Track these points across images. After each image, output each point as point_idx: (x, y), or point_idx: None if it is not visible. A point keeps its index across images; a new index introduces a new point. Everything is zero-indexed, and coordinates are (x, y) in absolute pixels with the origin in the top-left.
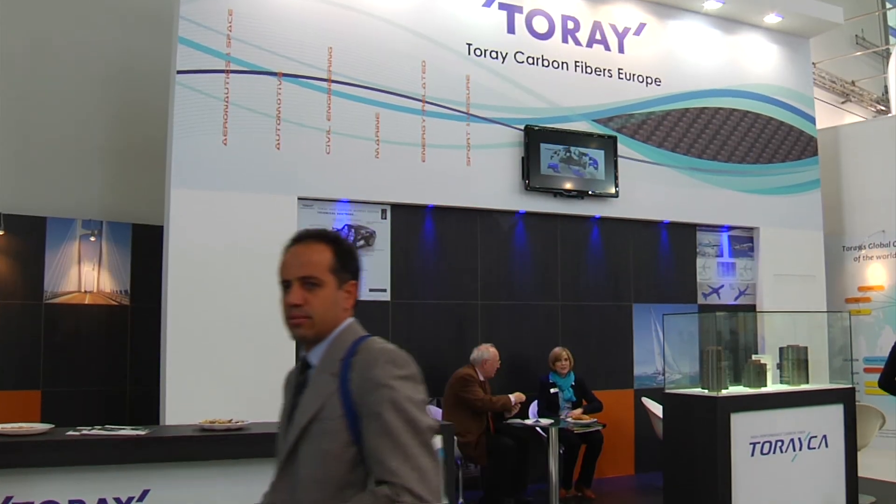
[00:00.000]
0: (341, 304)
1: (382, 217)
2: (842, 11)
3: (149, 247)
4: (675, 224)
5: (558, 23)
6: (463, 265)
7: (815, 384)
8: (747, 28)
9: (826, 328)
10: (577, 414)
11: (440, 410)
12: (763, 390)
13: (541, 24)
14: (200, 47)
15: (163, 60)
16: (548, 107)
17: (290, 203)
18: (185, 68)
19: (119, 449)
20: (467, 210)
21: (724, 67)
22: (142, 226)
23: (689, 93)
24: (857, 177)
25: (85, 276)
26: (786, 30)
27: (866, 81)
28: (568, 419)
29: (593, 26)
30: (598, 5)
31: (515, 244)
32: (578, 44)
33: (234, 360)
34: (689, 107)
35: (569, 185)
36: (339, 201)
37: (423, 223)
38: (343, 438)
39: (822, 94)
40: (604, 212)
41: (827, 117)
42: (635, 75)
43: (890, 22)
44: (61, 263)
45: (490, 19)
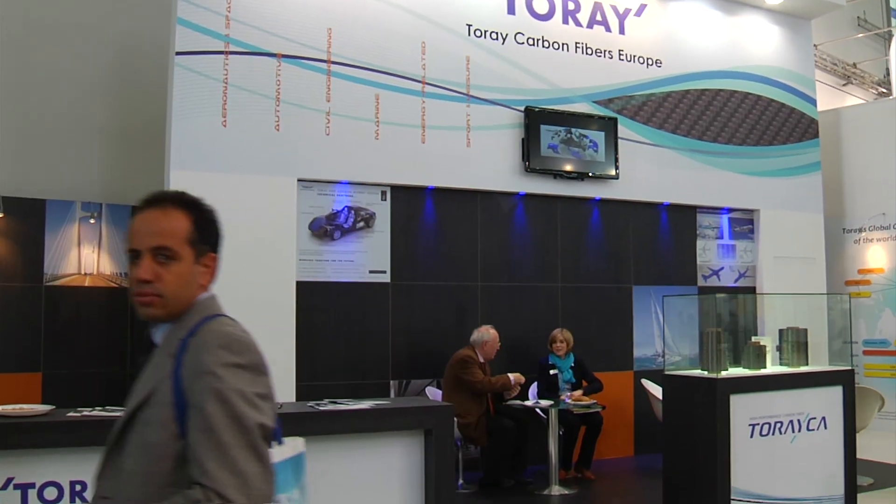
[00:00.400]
0: (198, 281)
1: (382, 198)
2: None
3: None
4: (675, 206)
5: (559, 4)
6: (463, 247)
7: (815, 366)
8: (748, 9)
9: (826, 311)
10: (577, 395)
11: (440, 392)
12: (762, 372)
13: (541, 5)
14: (199, 28)
15: (162, 42)
16: (548, 88)
17: (289, 185)
18: (184, 49)
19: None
20: (467, 191)
21: (725, 49)
22: None
23: (689, 74)
24: (858, 159)
25: (85, 259)
26: (787, 11)
27: (868, 63)
28: (567, 400)
29: (594, 7)
30: None
31: (515, 226)
32: (579, 25)
33: None
34: (689, 88)
35: (569, 167)
36: (339, 183)
37: (423, 205)
38: (170, 430)
39: (823, 76)
40: (604, 193)
41: (828, 99)
42: (636, 57)
43: (892, 3)
44: (61, 246)
45: (490, 0)
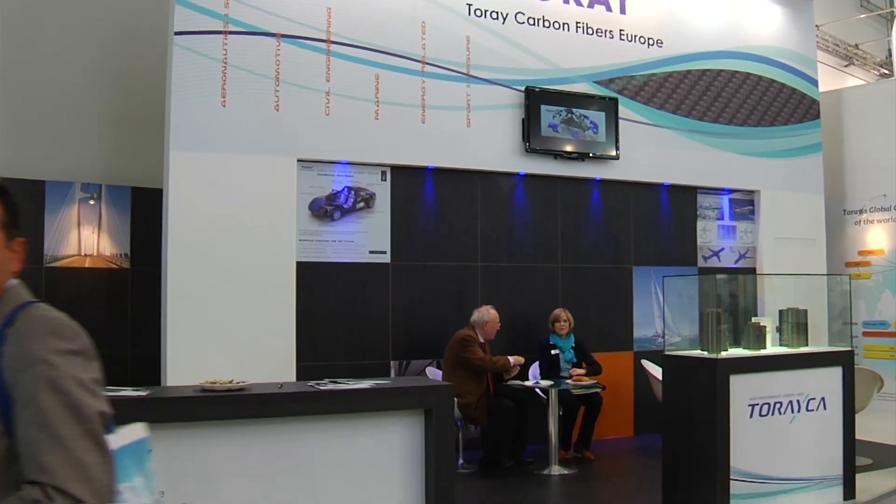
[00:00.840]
0: (9, 266)
1: (382, 179)
2: None
3: (148, 210)
4: (675, 186)
5: None
6: (463, 227)
7: (815, 347)
8: None
9: (826, 292)
10: (578, 373)
11: (440, 372)
12: (762, 352)
13: None
14: (198, 8)
15: (161, 22)
16: (549, 68)
17: (289, 165)
18: (182, 29)
19: (121, 409)
20: (467, 172)
21: (727, 29)
22: (141, 189)
23: (690, 54)
24: (859, 140)
25: (85, 240)
26: None
27: (870, 44)
28: (568, 381)
29: None
30: None
31: (515, 206)
32: (580, 4)
33: (234, 321)
34: (690, 69)
35: (569, 147)
36: (339, 163)
37: (423, 185)
38: None
39: (825, 56)
40: (604, 174)
41: (830, 80)
42: (637, 37)
43: None
44: (61, 227)
45: None
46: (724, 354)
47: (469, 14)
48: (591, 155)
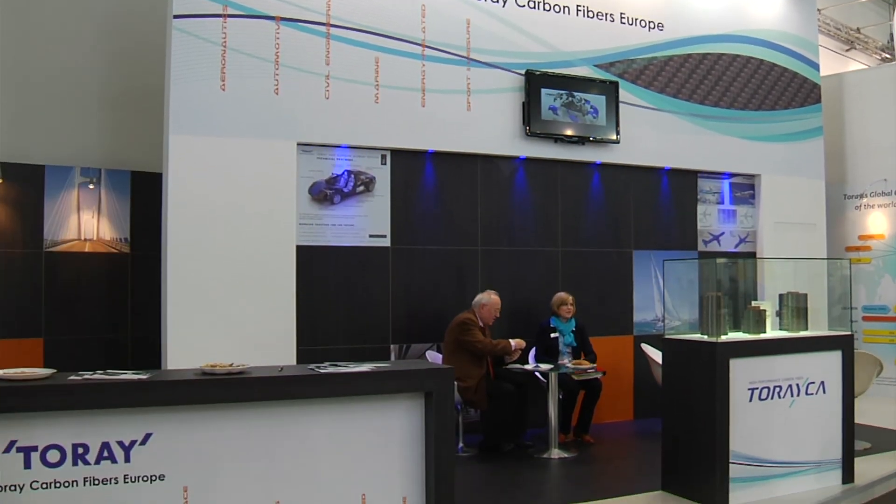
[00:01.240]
0: None
1: (382, 162)
2: None
3: (148, 194)
4: (676, 171)
5: None
6: (463, 211)
7: (814, 331)
8: None
9: (826, 276)
10: (577, 362)
11: (440, 356)
12: (762, 336)
13: None
14: None
15: (160, 5)
16: (549, 51)
17: (289, 148)
18: (182, 13)
19: (121, 393)
20: (467, 155)
21: (728, 12)
22: (141, 173)
23: (691, 38)
24: (860, 125)
25: (85, 224)
26: None
27: (872, 28)
28: (568, 365)
29: None
30: None
31: (516, 190)
32: None
33: (234, 305)
34: (691, 52)
35: (569, 131)
36: (339, 147)
37: (423, 169)
38: None
39: (826, 41)
40: (605, 158)
41: (831, 64)
42: (637, 20)
43: None
44: (60, 211)
45: None
46: (723, 338)
47: None
48: (591, 139)
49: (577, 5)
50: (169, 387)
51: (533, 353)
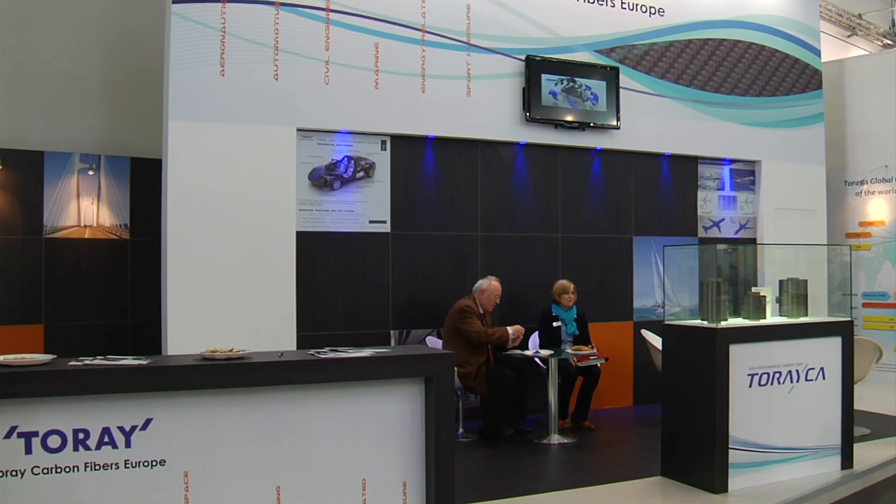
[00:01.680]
0: None
1: (382, 148)
2: None
3: (148, 180)
4: (676, 156)
5: None
6: (463, 197)
7: (814, 317)
8: None
9: (826, 262)
10: (580, 348)
11: (440, 341)
12: (762, 322)
13: None
14: None
15: None
16: (549, 37)
17: (289, 134)
18: None
19: (121, 378)
20: (467, 141)
21: None
22: (140, 159)
23: (692, 23)
24: (861, 111)
25: (84, 211)
26: None
27: (873, 14)
28: (569, 351)
29: None
30: None
31: (516, 176)
32: None
33: (234, 290)
34: (692, 38)
35: (570, 117)
36: (339, 132)
37: (423, 154)
38: None
39: (828, 27)
40: (605, 144)
41: (832, 51)
42: (638, 5)
43: None
44: (60, 198)
45: None
46: (723, 324)
47: None
48: (591, 125)
49: None
50: (169, 372)
51: (533, 339)
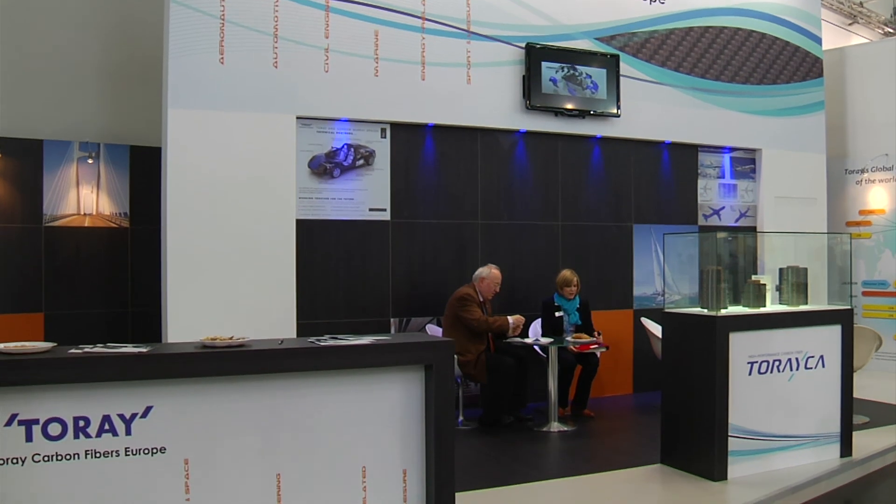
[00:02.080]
0: None
1: (382, 136)
2: None
3: (147, 168)
4: (676, 144)
5: None
6: (463, 184)
7: (814, 305)
8: None
9: (826, 251)
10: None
11: (440, 329)
12: (762, 310)
13: None
14: None
15: None
16: (549, 24)
17: (288, 122)
18: None
19: (122, 366)
20: (468, 129)
21: None
22: (140, 147)
23: (693, 11)
24: (862, 99)
25: (84, 199)
26: None
27: (874, 2)
28: (569, 339)
29: None
30: None
31: (516, 163)
32: None
33: (234, 278)
34: (693, 25)
35: (570, 105)
36: (339, 120)
37: (423, 142)
38: None
39: (829, 14)
40: (605, 131)
41: (833, 39)
42: None
43: None
44: (59, 186)
45: None
46: (723, 312)
47: None
48: (591, 112)
49: None
50: (169, 360)
51: (534, 328)
